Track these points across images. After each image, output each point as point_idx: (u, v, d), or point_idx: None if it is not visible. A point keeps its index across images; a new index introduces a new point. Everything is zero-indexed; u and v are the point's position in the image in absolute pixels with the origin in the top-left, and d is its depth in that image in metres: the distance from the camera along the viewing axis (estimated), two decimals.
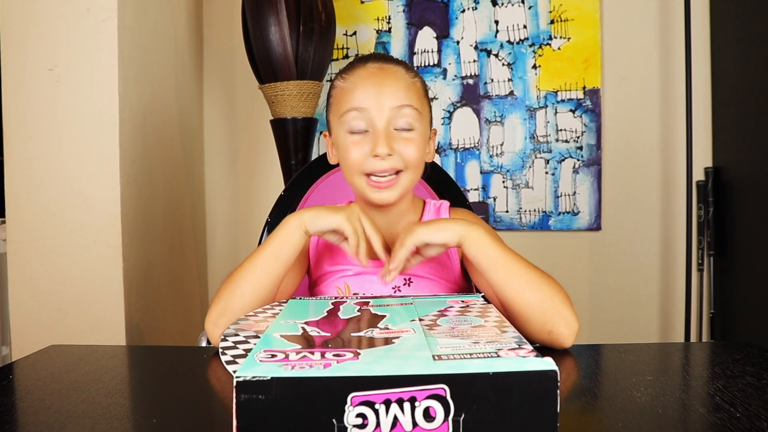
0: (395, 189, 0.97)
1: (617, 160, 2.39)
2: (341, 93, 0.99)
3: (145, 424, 0.67)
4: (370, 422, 0.47)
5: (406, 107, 0.96)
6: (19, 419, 0.69)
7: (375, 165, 0.95)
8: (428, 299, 0.81)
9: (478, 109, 2.41)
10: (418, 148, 0.97)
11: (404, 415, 0.48)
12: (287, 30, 1.97)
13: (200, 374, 0.86)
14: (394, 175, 0.97)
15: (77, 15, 1.72)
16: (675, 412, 0.66)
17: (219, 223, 2.58)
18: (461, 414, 0.48)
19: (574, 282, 2.41)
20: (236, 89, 2.53)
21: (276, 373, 0.48)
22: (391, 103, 0.95)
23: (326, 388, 0.48)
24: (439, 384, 0.48)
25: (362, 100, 0.95)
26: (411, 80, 0.99)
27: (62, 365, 0.90)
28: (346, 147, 0.98)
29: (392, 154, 0.95)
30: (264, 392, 0.48)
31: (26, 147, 1.73)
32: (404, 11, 2.43)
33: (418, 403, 0.48)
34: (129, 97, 1.81)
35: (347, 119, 0.96)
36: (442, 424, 0.48)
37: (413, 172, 0.99)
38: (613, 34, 2.37)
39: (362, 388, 0.48)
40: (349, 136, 0.97)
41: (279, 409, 0.48)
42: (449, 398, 0.48)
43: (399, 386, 0.48)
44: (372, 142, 0.95)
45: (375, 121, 0.95)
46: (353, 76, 0.98)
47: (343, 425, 0.47)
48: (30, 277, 1.74)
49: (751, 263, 2.08)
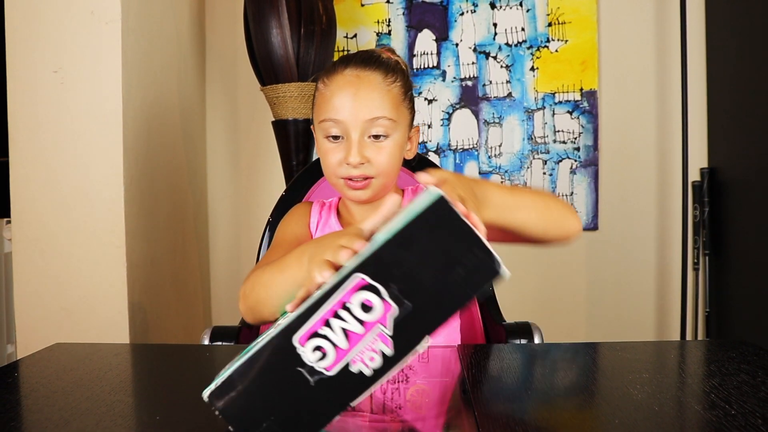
0: (368, 190, 1.02)
1: (614, 161, 2.41)
2: (321, 99, 1.03)
3: (148, 421, 0.68)
4: (327, 349, 0.49)
5: (379, 119, 0.99)
6: (24, 416, 0.70)
7: (348, 172, 1.00)
8: None
9: (477, 110, 2.43)
10: (390, 155, 1.01)
11: (348, 321, 0.49)
12: (288, 32, 1.98)
13: (203, 371, 0.87)
14: (366, 180, 1.01)
15: (81, 17, 1.73)
16: (671, 409, 0.67)
17: (221, 222, 2.59)
18: (390, 286, 0.49)
19: (572, 281, 2.43)
20: (238, 91, 2.55)
21: (232, 367, 0.51)
22: (364, 115, 0.99)
23: (274, 349, 0.50)
24: (356, 276, 0.50)
25: (338, 112, 0.99)
26: (387, 88, 1.01)
27: (67, 363, 0.91)
28: (324, 151, 1.03)
29: (364, 162, 0.99)
30: (232, 388, 0.50)
31: (31, 147, 1.74)
32: (404, 14, 2.45)
33: (351, 304, 0.49)
34: (132, 98, 1.82)
35: (324, 127, 1.01)
36: (384, 306, 0.49)
37: (384, 178, 1.03)
38: (610, 37, 2.39)
39: (299, 327, 0.50)
40: (326, 141, 1.02)
41: (254, 391, 0.50)
42: (372, 282, 0.49)
43: (325, 305, 0.50)
44: (345, 150, 0.99)
45: (349, 132, 0.99)
46: (332, 83, 1.02)
47: (310, 367, 0.49)
48: (35, 276, 1.75)
49: (746, 262, 2.09)
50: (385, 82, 1.02)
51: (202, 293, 2.47)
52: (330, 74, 1.03)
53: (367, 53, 1.05)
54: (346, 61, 1.04)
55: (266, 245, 1.34)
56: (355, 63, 1.02)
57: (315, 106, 1.06)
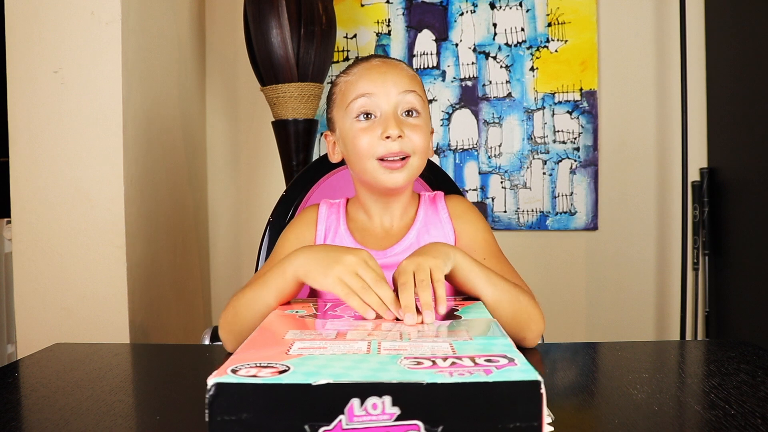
0: (405, 171, 0.98)
1: (614, 161, 2.41)
2: (346, 86, 1.01)
3: (148, 421, 0.68)
4: None
5: (411, 92, 0.98)
6: (25, 416, 0.70)
7: (387, 147, 0.96)
8: None
9: (477, 110, 2.43)
10: (425, 135, 1.00)
11: None
12: (288, 33, 1.98)
13: (203, 372, 0.85)
14: (404, 159, 0.98)
15: (82, 18, 1.74)
16: (671, 409, 0.67)
17: (221, 222, 2.59)
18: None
19: (571, 281, 2.44)
20: (238, 91, 2.55)
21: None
22: (397, 88, 0.97)
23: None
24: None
25: (369, 87, 0.97)
26: (412, 74, 1.03)
27: (67, 363, 0.91)
28: (355, 134, 0.99)
29: (402, 136, 0.96)
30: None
31: (32, 148, 1.75)
32: (404, 14, 2.45)
33: None
34: (133, 98, 1.82)
35: (355, 106, 0.98)
36: None
37: (420, 159, 1.00)
38: (610, 37, 2.39)
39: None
40: (357, 123, 0.99)
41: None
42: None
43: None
44: (382, 125, 0.96)
45: (383, 105, 0.97)
46: (357, 68, 1.01)
47: None
48: (35, 276, 1.76)
49: (746, 262, 2.10)
50: (409, 70, 1.03)
51: (202, 293, 2.47)
52: (350, 67, 1.03)
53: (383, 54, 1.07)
54: (366, 57, 1.04)
55: (266, 245, 1.34)
56: (377, 57, 1.03)
57: (336, 99, 1.03)
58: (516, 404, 0.46)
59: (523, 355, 0.52)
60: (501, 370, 0.48)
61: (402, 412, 0.46)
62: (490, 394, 0.46)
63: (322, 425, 0.46)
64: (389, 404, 0.46)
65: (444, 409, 0.46)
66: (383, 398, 0.46)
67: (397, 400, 0.46)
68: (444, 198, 1.10)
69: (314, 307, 0.80)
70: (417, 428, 0.46)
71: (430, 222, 1.06)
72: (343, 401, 0.46)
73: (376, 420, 0.46)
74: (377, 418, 0.46)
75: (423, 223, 1.06)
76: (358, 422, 0.46)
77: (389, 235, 1.06)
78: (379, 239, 1.06)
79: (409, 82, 0.99)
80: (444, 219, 1.06)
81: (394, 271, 0.82)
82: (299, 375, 0.47)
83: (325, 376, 0.47)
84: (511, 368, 0.48)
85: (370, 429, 0.46)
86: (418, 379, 0.46)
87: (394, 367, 0.49)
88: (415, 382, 0.46)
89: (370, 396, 0.46)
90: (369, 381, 0.46)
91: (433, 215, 1.07)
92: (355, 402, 0.46)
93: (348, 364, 0.50)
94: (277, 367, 0.49)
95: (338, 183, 1.38)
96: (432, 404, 0.46)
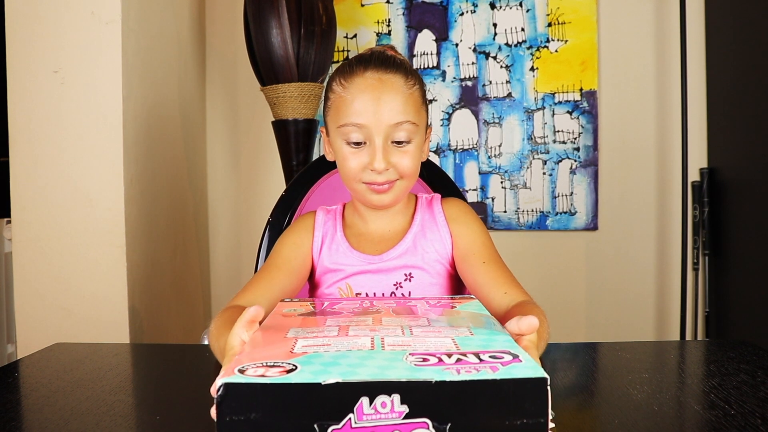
0: (391, 193, 0.99)
1: (614, 161, 2.41)
2: (340, 102, 0.99)
3: (148, 420, 0.68)
4: None
5: (404, 123, 0.96)
6: (25, 416, 0.70)
7: (372, 177, 0.97)
8: None
9: (477, 110, 2.43)
10: (414, 159, 0.99)
11: None
12: (288, 33, 1.98)
13: (203, 372, 0.86)
14: (389, 183, 0.99)
15: (82, 18, 1.74)
16: (670, 409, 0.67)
17: (221, 222, 2.59)
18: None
19: (572, 281, 2.44)
20: (238, 91, 2.55)
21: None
22: (389, 120, 0.95)
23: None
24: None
25: (360, 116, 0.96)
26: (409, 92, 0.98)
27: (67, 363, 0.91)
28: (344, 156, 0.99)
29: (389, 168, 0.96)
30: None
31: (32, 148, 1.75)
32: (404, 14, 2.45)
33: None
34: (133, 98, 1.82)
35: (345, 132, 0.97)
36: None
37: (408, 181, 1.01)
38: (610, 37, 2.39)
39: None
40: (346, 146, 0.98)
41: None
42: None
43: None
44: (369, 156, 0.96)
45: (373, 137, 0.96)
46: (352, 85, 0.98)
47: None
48: (35, 276, 1.76)
49: (746, 262, 2.10)
50: (407, 85, 0.99)
51: (202, 293, 2.48)
52: (348, 76, 0.99)
53: (382, 55, 1.01)
54: (364, 62, 0.99)
55: (266, 245, 1.34)
56: (375, 65, 0.99)
57: (331, 109, 1.02)
58: (523, 401, 0.47)
59: None
60: (507, 366, 0.49)
61: (410, 410, 0.46)
62: (498, 392, 0.47)
63: (332, 424, 0.46)
64: (398, 402, 0.46)
65: (452, 406, 0.47)
66: (392, 396, 0.46)
67: (406, 399, 0.46)
68: (441, 201, 1.10)
69: (312, 306, 0.80)
70: (425, 426, 0.46)
71: (426, 226, 1.06)
72: (352, 400, 0.46)
73: (385, 418, 0.46)
74: (386, 416, 0.46)
75: (420, 227, 1.06)
76: (367, 421, 0.46)
77: (385, 240, 1.06)
78: (375, 244, 1.06)
79: (402, 110, 0.96)
80: (440, 222, 1.06)
81: None
82: (307, 374, 0.47)
83: (334, 375, 0.47)
84: (517, 365, 0.49)
85: (379, 427, 0.46)
86: (426, 377, 0.47)
87: (400, 364, 0.49)
88: (424, 380, 0.46)
89: (379, 394, 0.46)
90: (378, 380, 0.46)
91: (430, 219, 1.07)
92: (365, 401, 0.46)
93: (354, 361, 0.50)
94: (284, 366, 0.49)
95: (338, 183, 1.38)
96: (440, 402, 0.47)
